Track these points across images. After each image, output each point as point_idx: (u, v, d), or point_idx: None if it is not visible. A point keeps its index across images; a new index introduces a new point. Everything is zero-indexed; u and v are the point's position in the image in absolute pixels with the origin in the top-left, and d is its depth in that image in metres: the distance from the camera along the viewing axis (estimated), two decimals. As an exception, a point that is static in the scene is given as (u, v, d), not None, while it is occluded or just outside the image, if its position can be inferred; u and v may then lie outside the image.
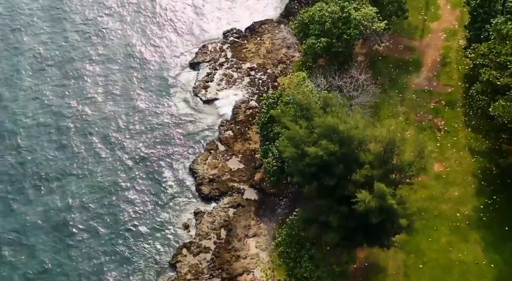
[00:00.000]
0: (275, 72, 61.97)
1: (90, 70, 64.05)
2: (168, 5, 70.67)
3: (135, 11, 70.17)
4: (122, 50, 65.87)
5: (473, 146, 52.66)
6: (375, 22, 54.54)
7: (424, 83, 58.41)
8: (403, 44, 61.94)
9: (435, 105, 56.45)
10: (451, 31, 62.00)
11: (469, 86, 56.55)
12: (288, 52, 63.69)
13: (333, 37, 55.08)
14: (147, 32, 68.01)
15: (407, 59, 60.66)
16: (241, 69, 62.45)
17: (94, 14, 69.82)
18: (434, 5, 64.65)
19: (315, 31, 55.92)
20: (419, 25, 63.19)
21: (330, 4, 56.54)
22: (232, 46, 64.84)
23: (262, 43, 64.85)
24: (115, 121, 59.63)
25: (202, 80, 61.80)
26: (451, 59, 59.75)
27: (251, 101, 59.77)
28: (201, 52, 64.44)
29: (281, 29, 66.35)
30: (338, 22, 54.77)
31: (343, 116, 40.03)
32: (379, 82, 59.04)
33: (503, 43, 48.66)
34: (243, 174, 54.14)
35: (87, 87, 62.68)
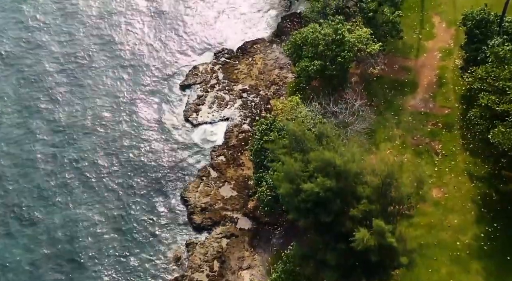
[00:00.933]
0: (267, 94, 60.52)
1: (78, 95, 61.97)
2: (157, 25, 68.90)
3: (121, 33, 68.19)
4: (110, 72, 63.84)
5: (472, 170, 51.35)
6: (370, 44, 53.32)
7: (420, 105, 57.15)
8: (398, 64, 60.69)
9: (432, 127, 55.13)
10: (447, 50, 60.80)
11: (466, 107, 55.53)
12: (281, 73, 62.30)
13: (327, 60, 53.75)
14: (135, 53, 66.08)
15: (403, 79, 59.43)
16: (233, 91, 60.96)
17: (81, 38, 68.07)
18: (429, 23, 63.52)
19: (308, 53, 54.62)
20: (414, 44, 61.98)
21: (324, 26, 55.31)
22: (223, 67, 63.36)
23: (254, 64, 63.42)
24: (102, 147, 57.74)
25: (193, 103, 60.20)
26: (447, 79, 58.54)
27: (244, 125, 58.19)
28: (191, 74, 62.85)
29: (273, 48, 64.95)
30: (331, 45, 53.49)
31: (339, 148, 38.62)
32: (374, 104, 57.76)
33: (501, 67, 47.58)
34: (236, 202, 52.52)
35: (72, 111, 60.83)
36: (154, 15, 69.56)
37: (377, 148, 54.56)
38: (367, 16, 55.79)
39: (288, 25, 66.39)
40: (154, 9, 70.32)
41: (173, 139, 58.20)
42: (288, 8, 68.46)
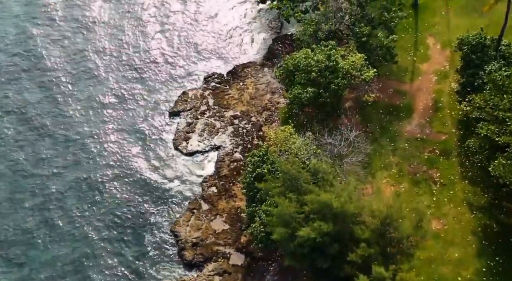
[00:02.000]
0: (259, 120, 58.72)
1: (60, 126, 59.62)
2: (144, 48, 66.78)
3: (107, 56, 65.96)
4: (93, 101, 61.53)
5: (471, 200, 49.74)
6: (364, 70, 51.80)
7: (416, 131, 55.60)
8: (392, 87, 59.19)
9: (429, 154, 53.60)
10: (442, 73, 59.36)
11: (464, 133, 54.16)
12: (273, 98, 60.61)
13: (320, 87, 52.19)
14: (120, 80, 63.76)
15: (398, 104, 57.88)
16: (224, 118, 59.13)
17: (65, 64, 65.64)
18: (423, 45, 62.11)
19: (300, 80, 53.04)
20: (408, 67, 60.52)
21: (316, 51, 53.77)
22: (214, 93, 61.53)
23: (245, 89, 61.68)
24: (86, 179, 55.50)
25: (183, 131, 58.26)
26: (443, 103, 57.10)
27: (236, 153, 56.35)
28: (181, 100, 60.92)
29: (265, 72, 63.25)
30: (325, 71, 51.94)
31: (335, 189, 36.93)
32: (369, 130, 56.15)
33: (500, 95, 46.22)
34: (228, 236, 50.56)
35: (55, 142, 58.39)
36: (141, 39, 67.54)
37: (373, 177, 53.07)
38: (360, 40, 54.39)
39: (279, 48, 64.76)
40: (140, 32, 68.20)
41: (161, 169, 56.19)
42: (279, 30, 66.84)
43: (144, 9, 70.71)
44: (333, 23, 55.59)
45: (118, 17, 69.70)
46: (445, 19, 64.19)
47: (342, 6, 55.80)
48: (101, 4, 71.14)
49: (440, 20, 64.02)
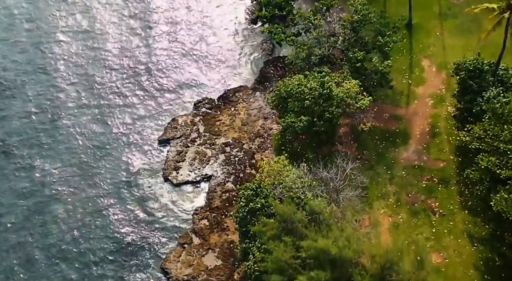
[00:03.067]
0: (252, 147, 56.90)
1: (47, 157, 57.46)
2: (131, 72, 64.58)
3: (93, 82, 63.76)
4: (79, 127, 59.53)
5: (472, 232, 48.13)
6: (359, 98, 50.25)
7: (413, 158, 54.04)
8: (388, 112, 57.64)
9: (427, 183, 51.99)
10: (438, 97, 57.89)
11: (462, 160, 52.67)
12: (265, 124, 58.83)
13: (314, 116, 50.61)
14: (107, 104, 61.73)
15: (394, 129, 56.29)
16: (215, 145, 57.26)
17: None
18: (418, 67, 60.65)
19: (294, 108, 51.42)
20: (403, 90, 58.99)
21: (309, 78, 52.19)
22: (204, 118, 59.65)
23: (237, 114, 59.87)
24: (71, 213, 53.34)
25: (173, 160, 56.31)
26: (440, 129, 55.56)
27: (228, 183, 54.44)
28: (170, 127, 58.97)
29: (257, 97, 61.51)
30: (318, 99, 50.37)
31: (333, 233, 35.17)
32: (365, 157, 54.48)
33: (500, 124, 44.79)
34: (221, 273, 48.51)
35: (41, 175, 56.17)
36: (127, 62, 65.45)
37: (370, 207, 51.47)
38: (354, 66, 52.88)
39: (271, 71, 63.09)
40: (127, 56, 66.02)
41: (151, 201, 54.11)
42: (271, 51, 65.12)
43: (132, 29, 68.97)
44: (326, 47, 54.05)
45: (107, 42, 67.71)
46: (440, 40, 62.94)
47: (335, 30, 54.30)
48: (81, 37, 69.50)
49: (435, 41, 62.78)
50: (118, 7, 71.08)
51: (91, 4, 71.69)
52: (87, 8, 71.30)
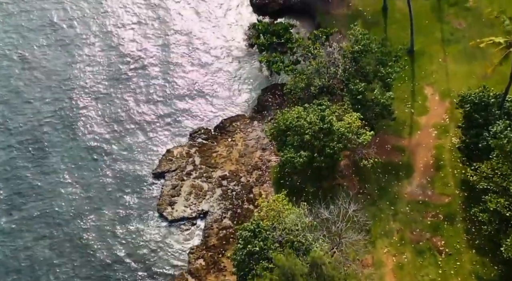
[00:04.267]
0: (250, 181, 54.89)
1: (33, 195, 55.29)
2: (126, 102, 62.20)
3: (84, 110, 61.58)
4: (70, 160, 57.45)
5: (480, 273, 46.09)
6: (361, 133, 48.37)
7: (417, 192, 52.07)
8: (390, 143, 55.75)
9: (433, 220, 49.98)
10: (442, 127, 55.98)
11: (468, 195, 50.81)
12: (264, 155, 56.88)
13: (314, 151, 48.70)
14: (99, 134, 59.50)
15: (397, 162, 54.41)
16: (211, 179, 55.21)
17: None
18: (421, 95, 58.80)
19: (293, 142, 49.51)
20: (406, 120, 57.07)
21: (309, 110, 50.28)
22: (200, 150, 57.64)
23: (234, 145, 57.91)
24: (61, 248, 51.49)
25: (168, 194, 54.23)
26: (444, 161, 53.69)
27: (225, 219, 52.38)
28: (165, 159, 56.92)
29: (254, 126, 59.57)
30: (318, 133, 48.49)
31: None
32: (367, 191, 52.59)
33: (508, 162, 42.87)
34: (218, 317, 46.76)
35: (26, 215, 54.16)
36: (120, 91, 63.09)
37: (373, 246, 49.44)
38: (356, 98, 51.07)
39: (269, 99, 61.10)
40: (120, 83, 63.65)
41: (144, 238, 52.05)
42: (269, 77, 62.90)
43: (126, 55, 66.63)
44: (326, 78, 52.23)
45: (96, 70, 65.12)
46: (443, 66, 61.10)
47: (335, 60, 52.50)
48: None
49: (437, 68, 60.92)
50: (107, 34, 68.91)
51: (70, 37, 68.70)
52: (68, 41, 68.16)
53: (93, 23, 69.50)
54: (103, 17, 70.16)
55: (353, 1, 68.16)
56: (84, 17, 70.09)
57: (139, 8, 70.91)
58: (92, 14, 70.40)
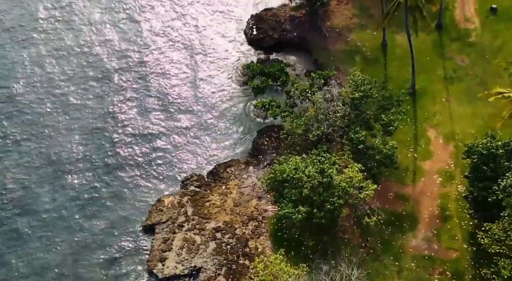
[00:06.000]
0: (245, 232, 51.77)
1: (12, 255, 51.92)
2: (115, 147, 58.80)
3: (70, 158, 58.15)
4: (57, 207, 54.29)
5: None
6: (363, 188, 45.56)
7: (423, 246, 49.08)
8: (393, 191, 52.90)
9: (440, 277, 46.90)
10: (447, 173, 53.24)
11: (477, 249, 47.94)
12: (260, 205, 53.85)
13: (314, 206, 45.86)
14: (84, 182, 56.06)
15: (400, 212, 51.49)
16: (204, 231, 52.01)
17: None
18: (423, 138, 56.11)
19: (291, 196, 46.64)
20: (409, 165, 54.29)
21: (307, 161, 47.42)
22: (193, 199, 54.49)
23: (229, 193, 54.84)
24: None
25: (158, 249, 50.90)
26: (451, 211, 50.85)
27: (219, 277, 48.97)
28: (156, 210, 53.62)
29: (250, 172, 56.58)
30: (318, 188, 45.68)
31: None
32: (369, 245, 49.68)
33: (521, 223, 40.24)
34: None
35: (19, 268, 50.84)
36: (112, 137, 59.77)
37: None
38: (356, 147, 48.35)
39: (265, 142, 57.94)
40: (111, 129, 60.40)
41: (134, 299, 49.12)
42: (265, 118, 59.93)
43: (112, 98, 63.25)
44: (325, 126, 49.52)
45: (83, 115, 61.99)
46: (446, 107, 58.45)
47: (335, 107, 49.79)
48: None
49: (440, 108, 58.28)
50: (98, 66, 66.41)
51: (56, 74, 66.05)
52: (51, 81, 64.94)
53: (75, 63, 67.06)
54: (81, 55, 67.57)
55: (351, 36, 65.91)
56: (68, 54, 67.72)
57: (126, 53, 67.56)
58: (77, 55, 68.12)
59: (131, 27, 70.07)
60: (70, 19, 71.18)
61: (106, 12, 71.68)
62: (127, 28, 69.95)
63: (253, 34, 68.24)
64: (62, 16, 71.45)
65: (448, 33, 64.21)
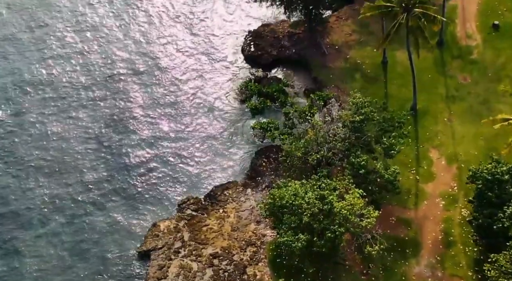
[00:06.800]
0: (243, 259, 50.09)
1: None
2: (110, 169, 57.37)
3: (66, 183, 56.69)
4: (51, 238, 52.60)
5: None
6: (365, 215, 44.20)
7: (426, 274, 47.51)
8: (395, 215, 51.46)
9: (444, 308, 46.11)
10: (451, 196, 51.84)
11: (482, 277, 46.59)
12: (258, 229, 52.36)
13: (314, 234, 44.49)
14: (77, 207, 54.32)
15: (402, 237, 50.01)
16: (201, 257, 50.34)
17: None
18: (426, 159, 54.78)
19: (290, 223, 45.28)
20: (411, 188, 52.87)
21: (307, 186, 46.05)
22: (189, 223, 52.90)
23: (226, 217, 53.35)
24: None
25: (154, 276, 48.95)
26: (454, 236, 49.40)
27: (216, 307, 48.12)
28: (151, 235, 51.99)
29: (248, 195, 55.13)
30: (318, 215, 44.33)
31: None
32: (371, 272, 48.27)
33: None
34: None
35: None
36: (107, 158, 58.25)
37: None
38: (357, 172, 47.05)
39: (263, 163, 56.43)
40: (105, 150, 58.74)
41: (128, 331, 47.57)
42: (263, 138, 58.56)
43: (107, 117, 61.98)
44: (325, 150, 48.23)
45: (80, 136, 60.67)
46: (449, 127, 57.13)
47: (335, 131, 48.52)
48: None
49: (443, 129, 57.00)
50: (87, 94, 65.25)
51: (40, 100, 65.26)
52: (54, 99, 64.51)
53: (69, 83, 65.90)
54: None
55: (350, 53, 64.74)
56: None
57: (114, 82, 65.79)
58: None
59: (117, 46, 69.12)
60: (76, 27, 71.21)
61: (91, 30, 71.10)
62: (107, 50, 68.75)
63: (250, 51, 67.00)
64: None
65: (450, 50, 63.10)
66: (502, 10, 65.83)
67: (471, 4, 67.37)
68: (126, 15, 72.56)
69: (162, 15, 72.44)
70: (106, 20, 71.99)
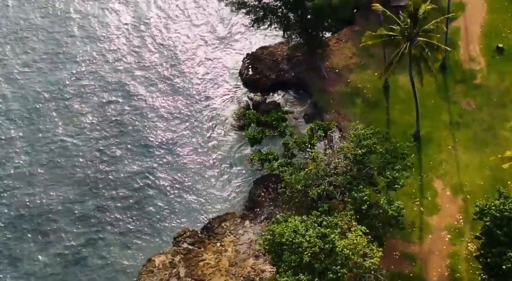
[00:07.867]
0: (241, 297, 48.90)
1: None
2: (101, 200, 55.56)
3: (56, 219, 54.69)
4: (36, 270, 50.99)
5: None
6: (368, 256, 42.38)
7: (433, 313, 46.35)
8: (399, 250, 49.63)
9: None
10: (456, 230, 49.99)
11: (491, 318, 44.94)
12: (257, 264, 50.48)
13: (315, 274, 42.60)
14: (68, 240, 52.66)
15: (407, 273, 48.10)
16: (198, 295, 49.09)
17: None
18: (430, 190, 52.98)
19: (290, 262, 43.43)
20: (415, 220, 51.07)
21: (307, 222, 44.08)
22: (186, 258, 51.06)
23: (224, 251, 51.49)
24: None
25: (148, 316, 48.14)
26: (461, 273, 47.44)
27: None
28: (146, 271, 50.01)
29: (246, 227, 53.30)
30: (319, 254, 42.50)
31: None
32: (376, 310, 46.78)
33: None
34: None
35: None
36: (98, 188, 56.45)
37: None
38: (360, 207, 45.26)
39: (262, 192, 54.75)
40: (99, 181, 57.00)
41: None
42: (262, 166, 56.92)
43: (103, 151, 60.27)
44: (326, 184, 46.45)
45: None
46: (453, 155, 55.28)
47: (336, 162, 46.78)
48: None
49: (447, 157, 55.14)
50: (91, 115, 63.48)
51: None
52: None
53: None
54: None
55: (351, 77, 63.01)
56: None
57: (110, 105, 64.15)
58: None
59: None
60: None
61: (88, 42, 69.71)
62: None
63: (248, 75, 65.34)
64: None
65: (453, 74, 61.32)
66: (506, 32, 64.17)
67: (474, 25, 65.79)
68: (117, 40, 70.75)
69: (155, 38, 70.79)
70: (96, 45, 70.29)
